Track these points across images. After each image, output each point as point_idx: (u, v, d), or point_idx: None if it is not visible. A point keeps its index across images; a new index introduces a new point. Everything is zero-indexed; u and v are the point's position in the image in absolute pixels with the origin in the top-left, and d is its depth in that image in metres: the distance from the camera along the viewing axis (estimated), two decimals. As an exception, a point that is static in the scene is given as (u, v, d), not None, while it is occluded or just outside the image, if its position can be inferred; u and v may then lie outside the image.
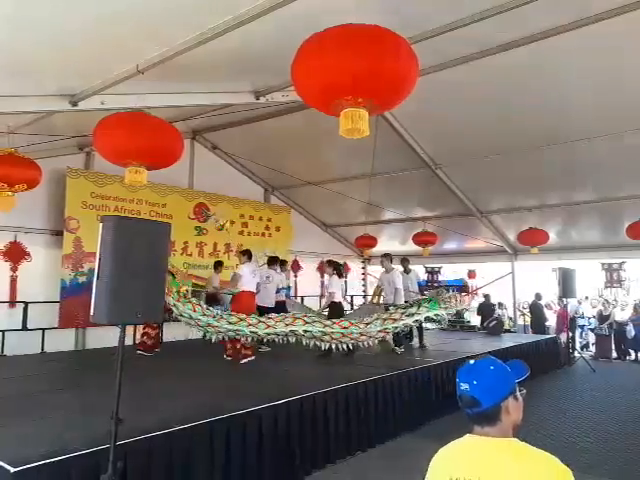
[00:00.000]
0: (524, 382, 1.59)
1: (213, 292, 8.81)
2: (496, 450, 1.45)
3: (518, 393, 1.54)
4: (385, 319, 6.56)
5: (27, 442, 3.28)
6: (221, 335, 6.41)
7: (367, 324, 6.46)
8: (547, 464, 1.38)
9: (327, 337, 6.33)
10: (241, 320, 6.37)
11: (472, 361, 1.58)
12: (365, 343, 6.55)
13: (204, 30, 4.25)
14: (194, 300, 6.61)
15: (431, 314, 6.62)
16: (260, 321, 6.39)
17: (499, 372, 1.54)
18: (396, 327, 6.55)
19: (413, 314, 6.59)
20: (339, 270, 7.95)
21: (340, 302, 7.77)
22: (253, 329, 6.31)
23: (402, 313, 6.65)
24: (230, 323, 6.34)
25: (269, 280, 8.19)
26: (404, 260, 9.41)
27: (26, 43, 4.29)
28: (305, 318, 6.46)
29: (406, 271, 9.17)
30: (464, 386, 1.53)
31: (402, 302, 7.72)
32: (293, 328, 6.31)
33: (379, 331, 6.48)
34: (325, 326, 6.36)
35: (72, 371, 6.45)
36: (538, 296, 12.86)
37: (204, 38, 4.31)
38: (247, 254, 7.57)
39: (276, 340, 6.45)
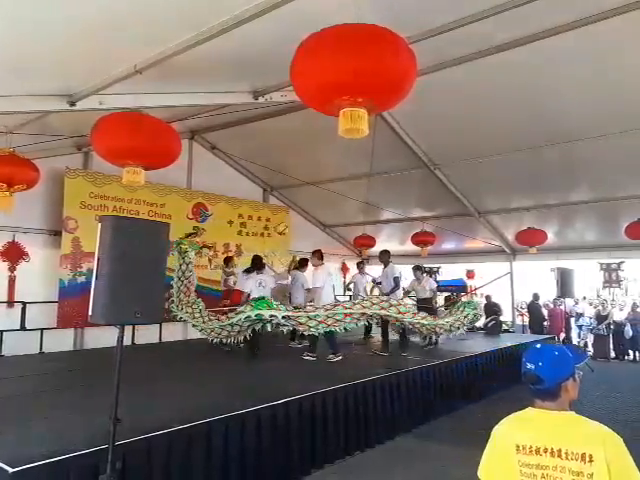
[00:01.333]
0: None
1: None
2: (557, 421, 1.70)
3: (577, 375, 1.78)
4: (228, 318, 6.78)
5: (26, 442, 3.28)
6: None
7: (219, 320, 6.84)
8: (600, 431, 1.64)
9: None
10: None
11: (538, 345, 1.84)
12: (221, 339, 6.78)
13: (202, 30, 4.24)
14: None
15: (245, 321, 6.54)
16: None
17: (562, 356, 1.78)
18: (229, 325, 6.62)
19: (233, 317, 6.64)
20: (253, 269, 7.94)
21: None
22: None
23: (231, 317, 6.72)
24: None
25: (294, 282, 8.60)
26: (382, 253, 8.54)
27: (24, 43, 4.28)
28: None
29: (385, 266, 8.49)
30: (530, 365, 1.76)
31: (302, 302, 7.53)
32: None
33: (221, 328, 6.70)
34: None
35: (71, 371, 6.44)
36: (536, 296, 12.89)
37: (202, 38, 4.31)
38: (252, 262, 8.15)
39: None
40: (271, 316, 6.42)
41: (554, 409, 1.72)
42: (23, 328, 7.70)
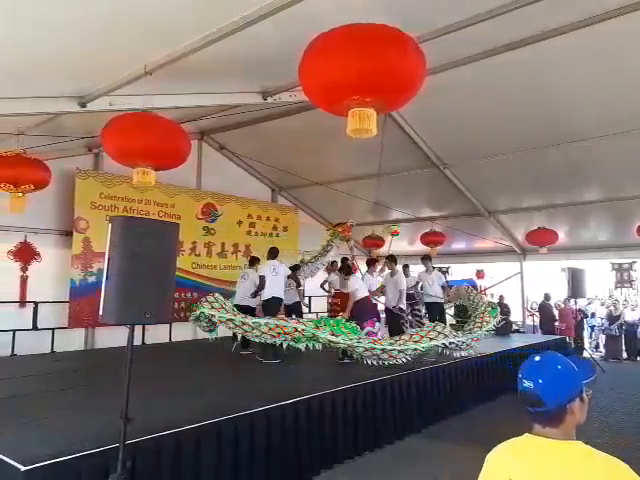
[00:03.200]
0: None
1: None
2: (560, 453, 1.39)
3: (585, 394, 1.48)
4: None
5: (37, 441, 3.30)
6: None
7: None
8: (613, 469, 1.34)
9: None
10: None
11: (538, 357, 1.52)
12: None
13: (212, 31, 4.26)
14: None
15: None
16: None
17: (567, 372, 1.47)
18: None
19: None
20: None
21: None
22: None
23: None
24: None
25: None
26: (269, 251, 8.13)
27: (34, 44, 4.32)
28: None
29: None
30: (528, 383, 1.46)
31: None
32: None
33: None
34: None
35: (81, 371, 6.49)
36: (547, 296, 12.78)
37: (211, 39, 4.33)
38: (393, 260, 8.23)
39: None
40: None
41: (557, 437, 1.41)
42: (35, 328, 7.77)
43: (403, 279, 8.14)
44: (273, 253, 7.70)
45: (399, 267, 8.69)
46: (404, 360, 6.07)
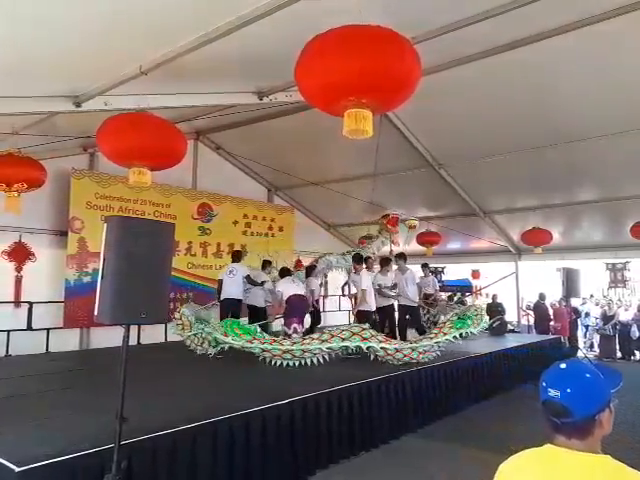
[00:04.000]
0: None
1: None
2: (586, 468, 1.30)
3: (612, 404, 1.39)
4: None
5: (31, 442, 3.29)
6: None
7: None
8: None
9: None
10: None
11: (563, 365, 1.42)
12: None
13: (207, 31, 4.26)
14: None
15: None
16: None
17: (596, 381, 1.38)
18: None
19: None
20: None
21: None
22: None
23: None
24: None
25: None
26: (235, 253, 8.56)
27: (30, 44, 4.31)
28: None
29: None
30: (554, 392, 1.36)
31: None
32: None
33: None
34: None
35: (76, 371, 6.47)
36: (542, 296, 12.83)
37: (207, 39, 4.33)
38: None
39: None
40: None
41: (583, 450, 1.32)
42: (29, 328, 7.74)
43: (365, 279, 7.93)
44: (235, 256, 8.17)
45: (389, 267, 8.66)
46: (312, 361, 6.18)
